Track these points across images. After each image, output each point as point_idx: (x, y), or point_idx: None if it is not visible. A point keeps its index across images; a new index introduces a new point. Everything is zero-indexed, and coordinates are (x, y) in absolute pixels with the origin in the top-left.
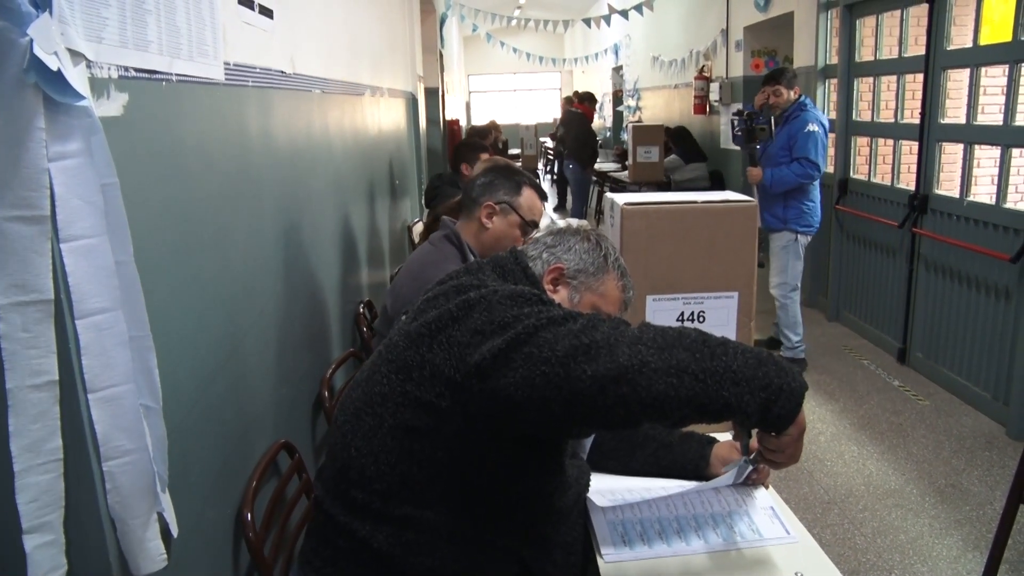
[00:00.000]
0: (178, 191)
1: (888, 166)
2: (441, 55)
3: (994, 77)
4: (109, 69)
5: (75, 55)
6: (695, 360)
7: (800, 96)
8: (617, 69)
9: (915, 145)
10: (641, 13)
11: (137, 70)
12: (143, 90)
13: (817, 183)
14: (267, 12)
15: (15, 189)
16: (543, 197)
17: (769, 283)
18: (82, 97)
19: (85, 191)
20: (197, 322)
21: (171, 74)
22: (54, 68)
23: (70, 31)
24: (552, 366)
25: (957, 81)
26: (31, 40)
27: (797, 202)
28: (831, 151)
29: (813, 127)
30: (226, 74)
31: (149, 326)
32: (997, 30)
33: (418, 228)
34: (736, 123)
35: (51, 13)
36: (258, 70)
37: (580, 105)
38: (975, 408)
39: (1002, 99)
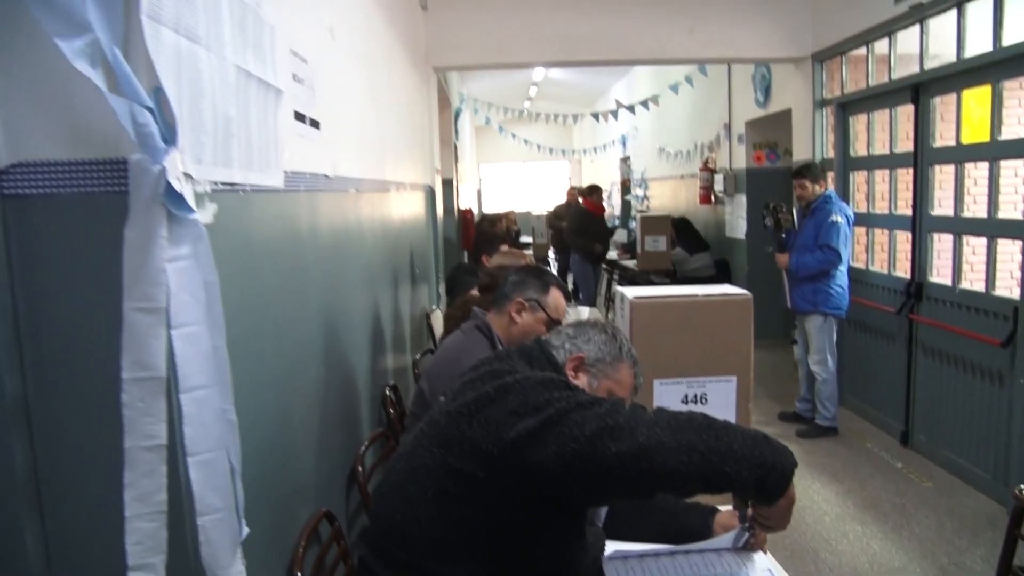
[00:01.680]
0: (247, 286)
1: (885, 255)
2: (455, 146)
3: (982, 170)
4: (205, 184)
5: (187, 176)
6: (702, 440)
7: (826, 189)
8: (625, 159)
9: (909, 235)
10: (647, 108)
11: (223, 184)
12: (226, 200)
13: (844, 270)
14: (315, 124)
15: (141, 285)
16: (567, 297)
17: (809, 360)
18: (193, 211)
19: (192, 287)
20: (257, 400)
21: (246, 185)
22: (178, 190)
23: (185, 158)
24: (581, 444)
25: (947, 173)
26: (164, 168)
27: (825, 286)
28: None
29: (837, 218)
30: (284, 181)
31: (234, 402)
32: (977, 130)
33: (437, 315)
34: (765, 214)
35: (176, 146)
36: (307, 175)
37: (586, 200)
38: (976, 489)
39: (987, 192)
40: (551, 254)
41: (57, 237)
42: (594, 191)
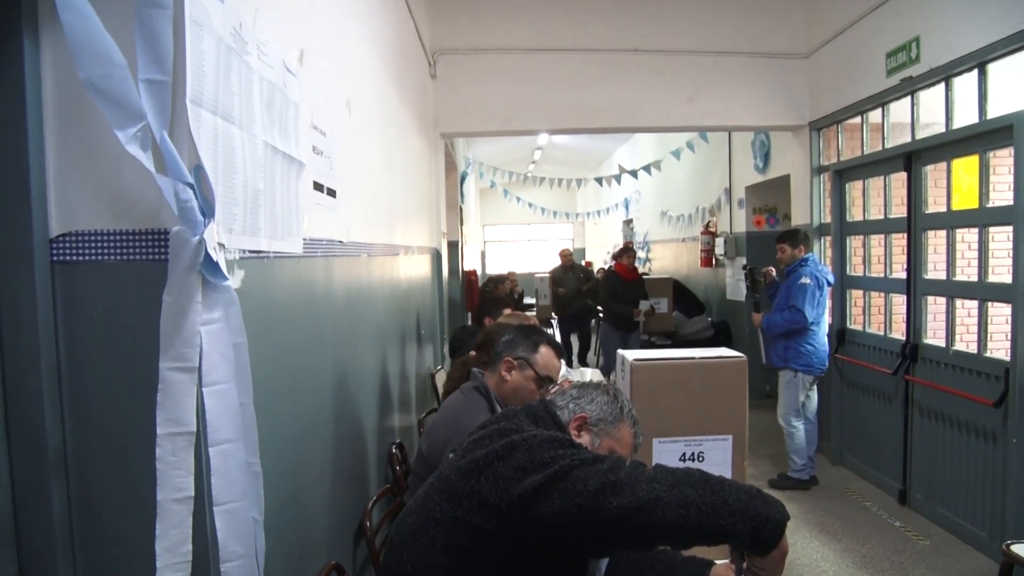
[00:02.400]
0: (269, 346)
1: (881, 317)
2: (461, 209)
3: (973, 235)
4: (235, 253)
5: (220, 245)
6: (699, 495)
7: (805, 254)
8: (628, 222)
9: (905, 298)
10: (649, 172)
11: (250, 251)
12: (252, 267)
13: (820, 330)
14: (332, 192)
15: (177, 346)
16: (560, 355)
17: (777, 414)
18: (227, 278)
19: (223, 348)
20: (276, 455)
21: (270, 252)
22: (214, 258)
23: (220, 229)
24: (585, 499)
25: (939, 238)
26: (203, 239)
27: (796, 344)
28: (829, 303)
29: (806, 280)
30: (303, 247)
31: (259, 455)
32: (967, 197)
33: (441, 376)
34: (743, 277)
35: (214, 218)
36: (324, 241)
37: (617, 264)
38: (974, 547)
39: (977, 257)
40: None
41: (100, 300)
42: (625, 252)
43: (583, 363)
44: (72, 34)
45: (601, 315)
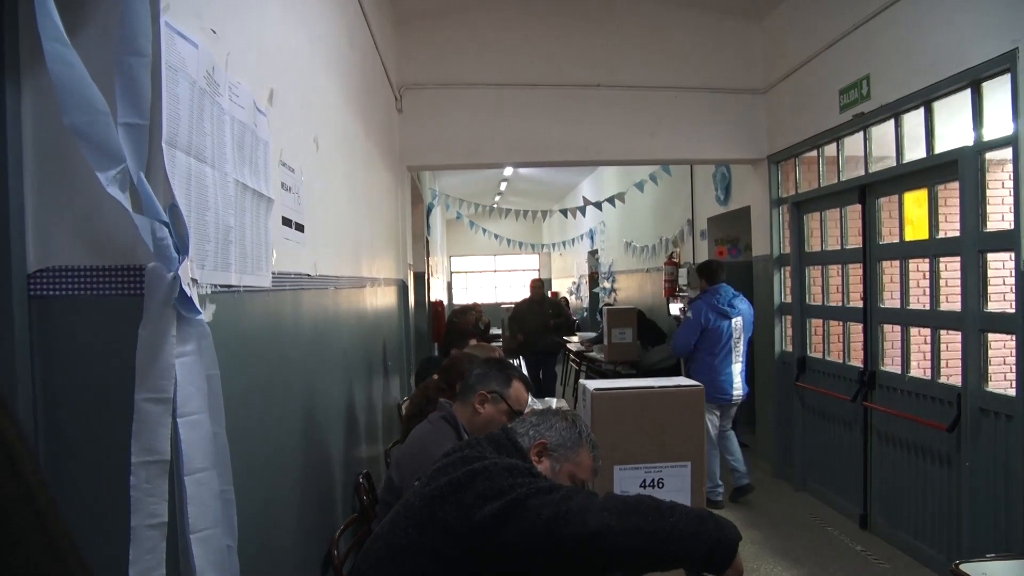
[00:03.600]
0: (238, 377)
1: (840, 345)
2: (427, 240)
3: (926, 263)
4: (207, 287)
5: (193, 280)
6: (648, 523)
7: (707, 287)
8: (593, 253)
9: (861, 326)
10: (613, 204)
11: (222, 286)
12: (224, 301)
13: (712, 361)
14: (300, 227)
15: (152, 378)
16: (528, 389)
17: None
18: (200, 312)
19: (196, 380)
20: (246, 486)
21: (240, 287)
22: (188, 293)
23: (193, 265)
24: (539, 527)
25: (894, 267)
26: (178, 275)
27: (691, 374)
28: (789, 331)
29: (688, 313)
30: (272, 281)
31: (233, 483)
32: (918, 228)
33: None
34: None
35: (188, 255)
36: (292, 275)
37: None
38: (932, 570)
39: (929, 286)
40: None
41: (76, 334)
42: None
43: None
44: (60, 84)
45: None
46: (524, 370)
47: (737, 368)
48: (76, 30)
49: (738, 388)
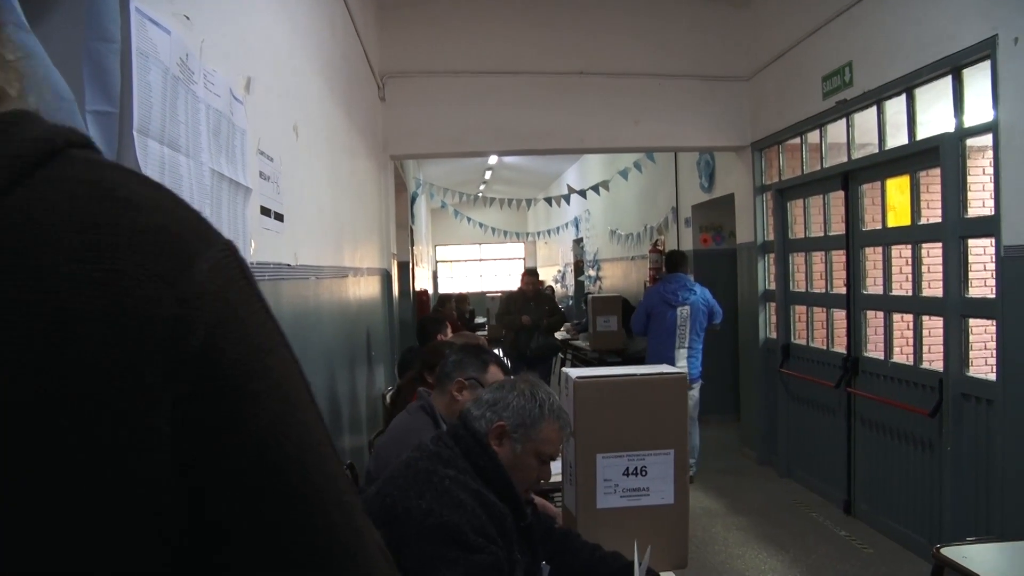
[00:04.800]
0: None
1: (824, 331)
2: (411, 230)
3: (908, 249)
4: None
5: None
6: None
7: (669, 275)
8: (578, 241)
9: (845, 312)
10: (598, 192)
11: None
12: None
13: (663, 347)
14: (279, 217)
15: None
16: (505, 372)
17: None
18: None
19: None
20: None
21: None
22: None
23: None
24: None
25: (877, 254)
26: None
27: (648, 356)
28: (773, 318)
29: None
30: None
31: None
32: (900, 215)
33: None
34: None
35: None
36: (272, 265)
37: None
38: (915, 554)
39: (911, 272)
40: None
41: None
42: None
43: None
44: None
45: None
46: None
47: (682, 353)
48: (39, 15)
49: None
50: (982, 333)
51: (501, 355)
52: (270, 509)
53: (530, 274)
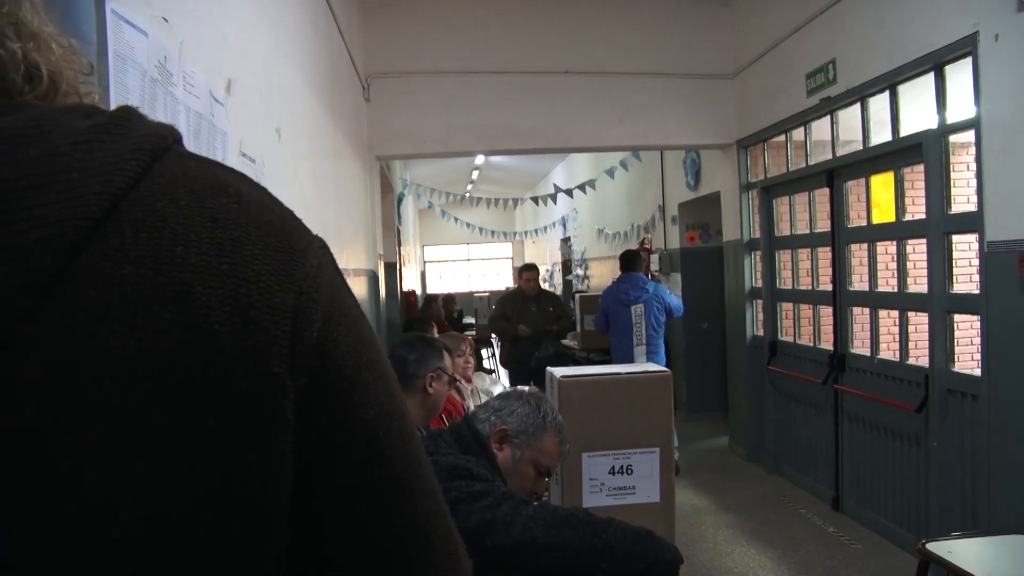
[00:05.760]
0: None
1: (810, 328)
2: (398, 230)
3: (893, 246)
4: None
5: None
6: (579, 538)
7: (625, 274)
8: (565, 240)
9: (831, 309)
10: (585, 191)
11: None
12: None
13: (622, 341)
14: None
15: None
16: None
17: None
18: None
19: None
20: None
21: None
22: None
23: None
24: (464, 536)
25: (863, 250)
26: None
27: (612, 352)
28: (760, 316)
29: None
30: None
31: None
32: (885, 212)
33: None
34: None
35: None
36: None
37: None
38: (903, 549)
39: (896, 268)
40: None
41: None
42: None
43: None
44: None
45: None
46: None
47: (640, 350)
48: None
49: None
50: (967, 329)
51: (496, 360)
52: (377, 499)
53: (529, 270)
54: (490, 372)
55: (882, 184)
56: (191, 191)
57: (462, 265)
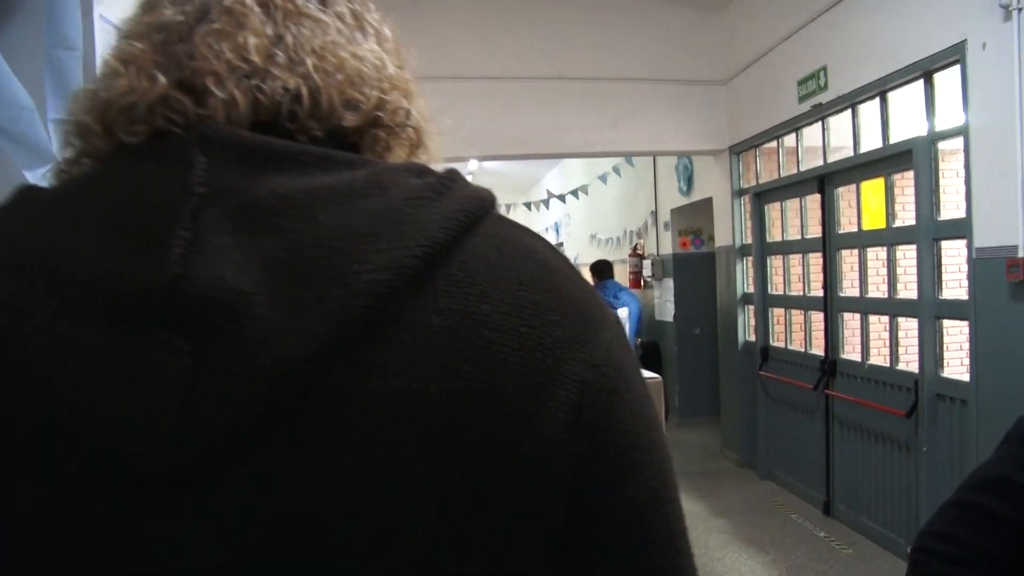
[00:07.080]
0: None
1: (802, 334)
2: None
3: (884, 252)
4: None
5: None
6: None
7: (596, 284)
8: (559, 245)
9: (822, 315)
10: (577, 197)
11: None
12: None
13: None
14: None
15: None
16: None
17: None
18: None
19: None
20: None
21: None
22: None
23: None
24: None
25: (853, 256)
26: None
27: None
28: (752, 321)
29: None
30: None
31: None
32: (875, 218)
33: None
34: None
35: None
36: None
37: None
38: (893, 554)
39: (886, 274)
40: None
41: None
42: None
43: None
44: None
45: None
46: None
47: None
48: None
49: None
50: (956, 334)
51: None
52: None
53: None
54: None
55: (872, 190)
56: (500, 252)
57: None
